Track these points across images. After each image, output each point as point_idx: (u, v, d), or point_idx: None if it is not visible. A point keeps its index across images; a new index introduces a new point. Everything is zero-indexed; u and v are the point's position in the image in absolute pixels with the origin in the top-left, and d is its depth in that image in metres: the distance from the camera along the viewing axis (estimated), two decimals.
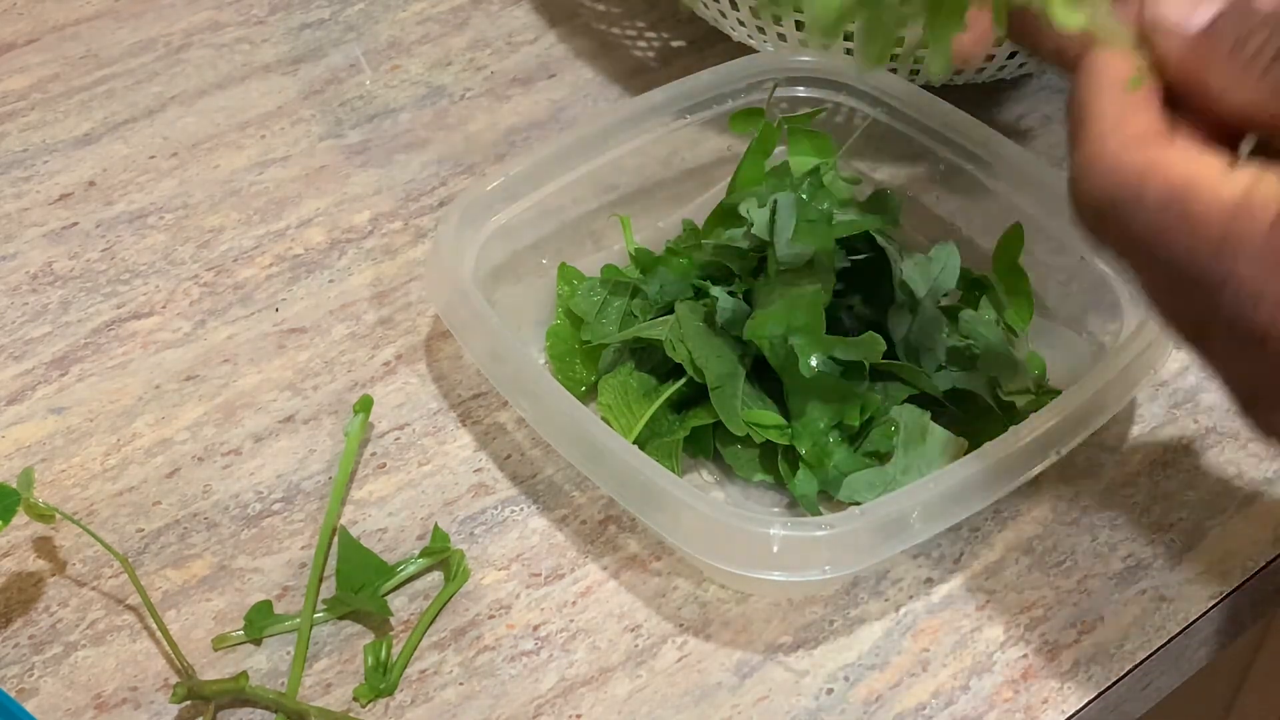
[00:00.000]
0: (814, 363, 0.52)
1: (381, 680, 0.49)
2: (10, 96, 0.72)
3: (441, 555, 0.52)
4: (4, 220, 0.66)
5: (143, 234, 0.65)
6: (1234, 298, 0.33)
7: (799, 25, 0.65)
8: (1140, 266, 0.36)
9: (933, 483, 0.48)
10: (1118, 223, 0.35)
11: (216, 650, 0.50)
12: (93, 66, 0.74)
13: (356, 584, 0.51)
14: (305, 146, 0.69)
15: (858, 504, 0.49)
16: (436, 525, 0.53)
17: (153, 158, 0.69)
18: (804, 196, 0.60)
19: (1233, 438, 0.57)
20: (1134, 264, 0.36)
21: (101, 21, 0.77)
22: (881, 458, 0.53)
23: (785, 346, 0.52)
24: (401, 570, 0.52)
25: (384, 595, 0.51)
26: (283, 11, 0.77)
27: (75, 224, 0.66)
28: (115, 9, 0.77)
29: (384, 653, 0.49)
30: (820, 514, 0.52)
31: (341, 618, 0.51)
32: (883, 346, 0.53)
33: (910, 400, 0.54)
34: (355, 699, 0.49)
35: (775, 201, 0.58)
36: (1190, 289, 0.34)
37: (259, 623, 0.50)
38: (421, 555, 0.52)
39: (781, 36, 0.66)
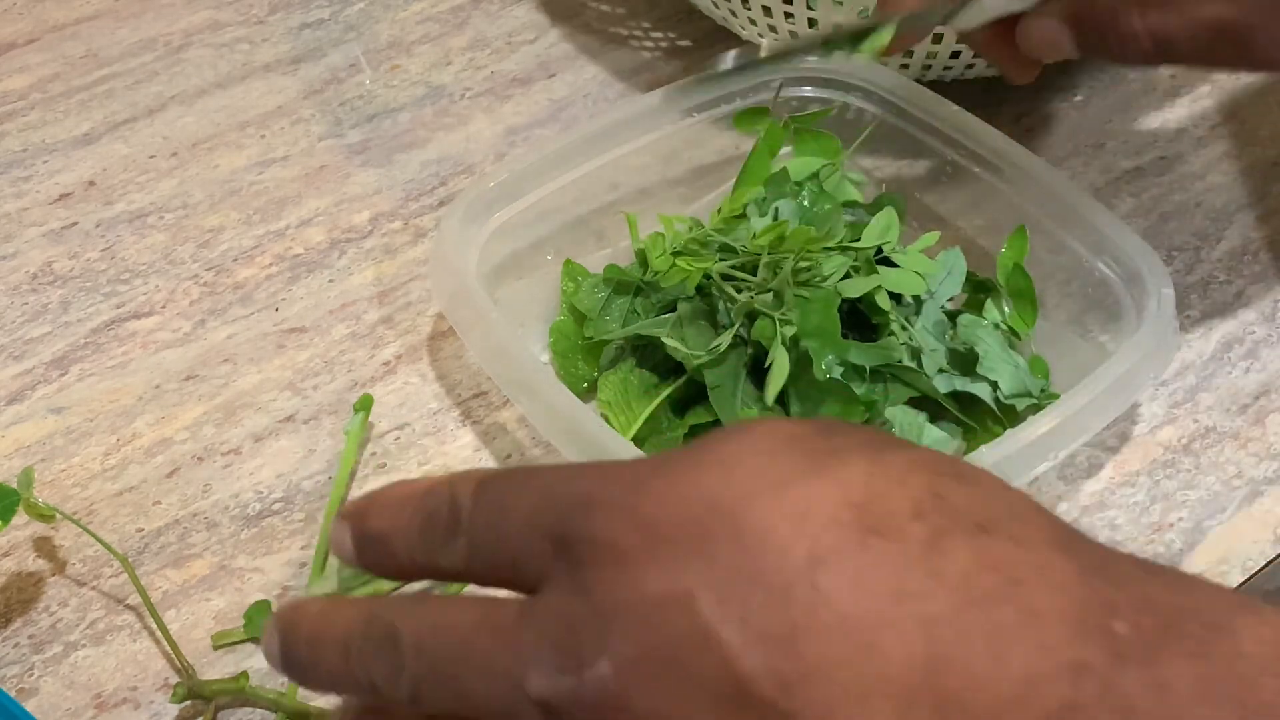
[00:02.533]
0: (825, 366, 0.52)
1: None
2: (10, 96, 0.72)
3: None
4: (4, 220, 0.66)
5: (143, 234, 0.65)
6: None
7: (811, 23, 0.65)
8: None
9: None
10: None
11: (216, 648, 0.50)
12: (93, 66, 0.74)
13: (357, 583, 0.51)
14: (305, 146, 0.69)
15: None
16: None
17: (153, 157, 0.69)
18: (805, 203, 0.60)
19: (1233, 437, 0.57)
20: None
21: (101, 21, 0.77)
22: None
23: (796, 349, 0.52)
24: None
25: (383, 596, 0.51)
26: (283, 11, 0.77)
27: (75, 224, 0.66)
28: (115, 9, 0.77)
29: None
30: None
31: None
32: (900, 352, 0.53)
33: (911, 402, 0.54)
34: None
35: (777, 209, 0.58)
36: None
37: (259, 620, 0.50)
38: None
39: (793, 34, 0.66)
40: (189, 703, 0.48)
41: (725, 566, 0.30)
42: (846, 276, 0.55)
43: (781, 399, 0.53)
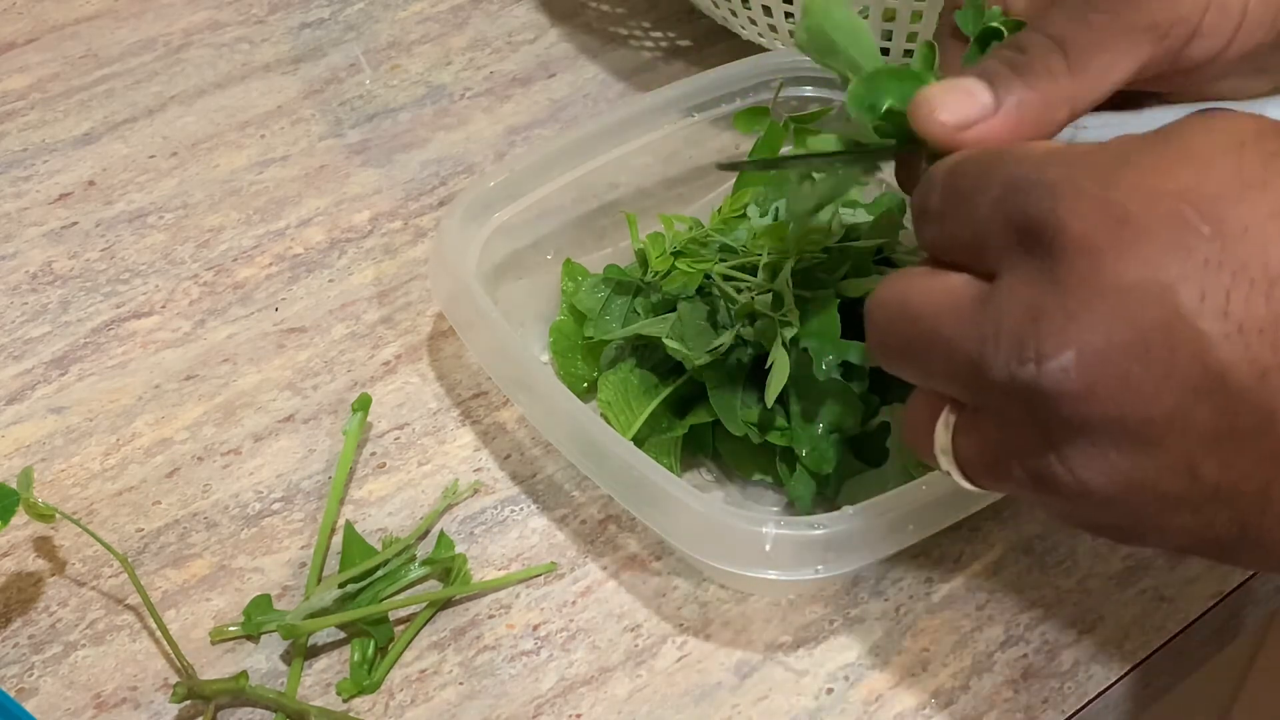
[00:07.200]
0: (826, 366, 0.52)
1: (366, 677, 0.49)
2: (10, 96, 0.72)
3: (446, 565, 0.52)
4: (4, 220, 0.66)
5: (142, 234, 0.65)
6: None
7: None
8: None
9: (926, 485, 0.48)
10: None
11: (214, 643, 0.50)
12: (93, 66, 0.74)
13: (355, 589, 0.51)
14: (305, 146, 0.69)
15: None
16: (443, 533, 0.53)
17: (153, 157, 0.69)
18: None
19: None
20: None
21: (101, 21, 0.77)
22: (879, 459, 0.53)
23: (796, 349, 0.52)
24: (403, 577, 0.51)
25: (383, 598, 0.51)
26: (283, 11, 0.77)
27: (75, 224, 0.66)
28: (115, 9, 0.77)
29: (369, 649, 0.49)
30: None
31: None
32: None
33: None
34: (339, 694, 0.48)
35: (777, 210, 0.58)
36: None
37: (257, 617, 0.50)
38: (424, 564, 0.51)
39: (793, 34, 0.66)
40: (189, 703, 0.48)
41: (1204, 261, 0.31)
42: (846, 276, 0.55)
43: (781, 398, 0.53)
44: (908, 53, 0.66)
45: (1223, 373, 0.31)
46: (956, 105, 0.40)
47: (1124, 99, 0.47)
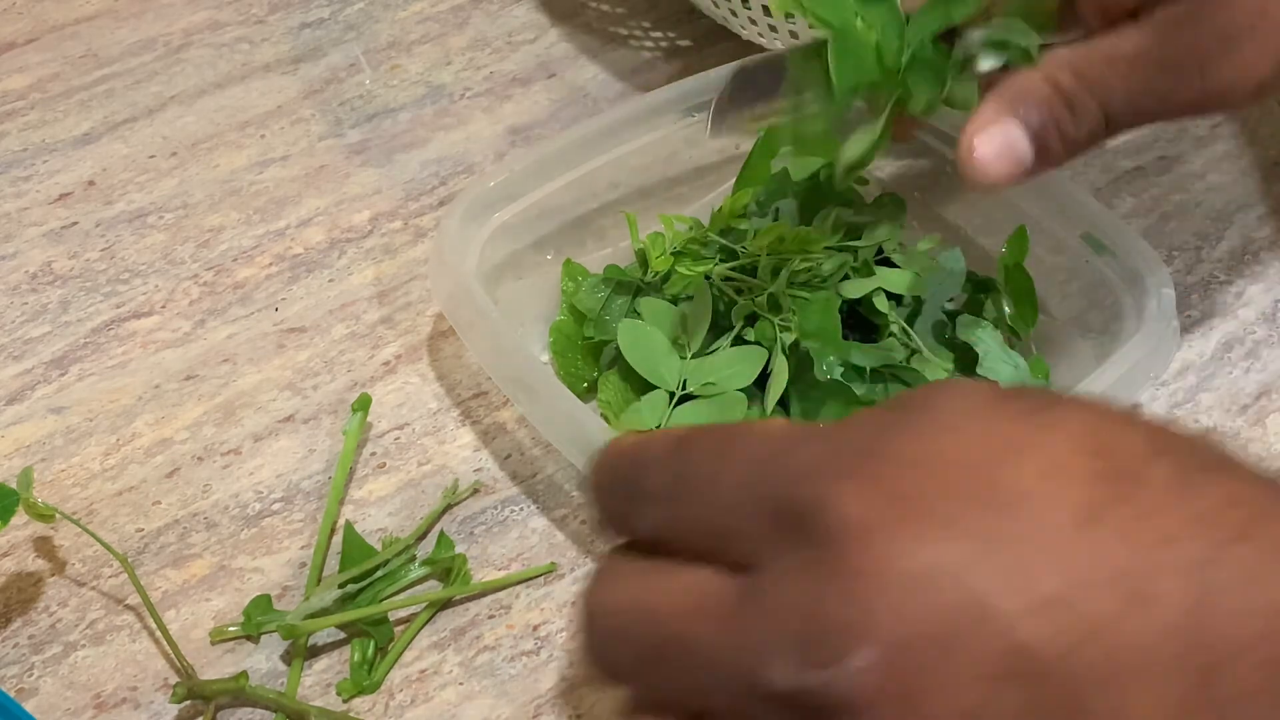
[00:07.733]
0: (826, 367, 0.52)
1: (366, 677, 0.49)
2: (10, 96, 0.72)
3: (445, 565, 0.52)
4: (4, 220, 0.66)
5: (142, 234, 0.65)
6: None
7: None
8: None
9: None
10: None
11: (214, 643, 0.50)
12: (92, 66, 0.74)
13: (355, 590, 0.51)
14: (305, 146, 0.69)
15: None
16: (443, 533, 0.53)
17: (152, 157, 0.69)
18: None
19: (1233, 437, 0.57)
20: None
21: (101, 21, 0.77)
22: None
23: (796, 351, 0.52)
24: (403, 577, 0.51)
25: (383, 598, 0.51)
26: (283, 11, 0.77)
27: (75, 224, 0.66)
28: (115, 9, 0.77)
29: (369, 649, 0.49)
30: None
31: None
32: (901, 354, 0.53)
33: None
34: (339, 694, 0.48)
35: (777, 210, 0.58)
36: None
37: (257, 617, 0.50)
38: (424, 564, 0.52)
39: (793, 34, 0.66)
40: (189, 703, 0.48)
41: (989, 534, 0.29)
42: (846, 277, 0.55)
43: (782, 399, 0.53)
44: None
45: (1028, 652, 0.28)
46: (1001, 163, 0.43)
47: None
